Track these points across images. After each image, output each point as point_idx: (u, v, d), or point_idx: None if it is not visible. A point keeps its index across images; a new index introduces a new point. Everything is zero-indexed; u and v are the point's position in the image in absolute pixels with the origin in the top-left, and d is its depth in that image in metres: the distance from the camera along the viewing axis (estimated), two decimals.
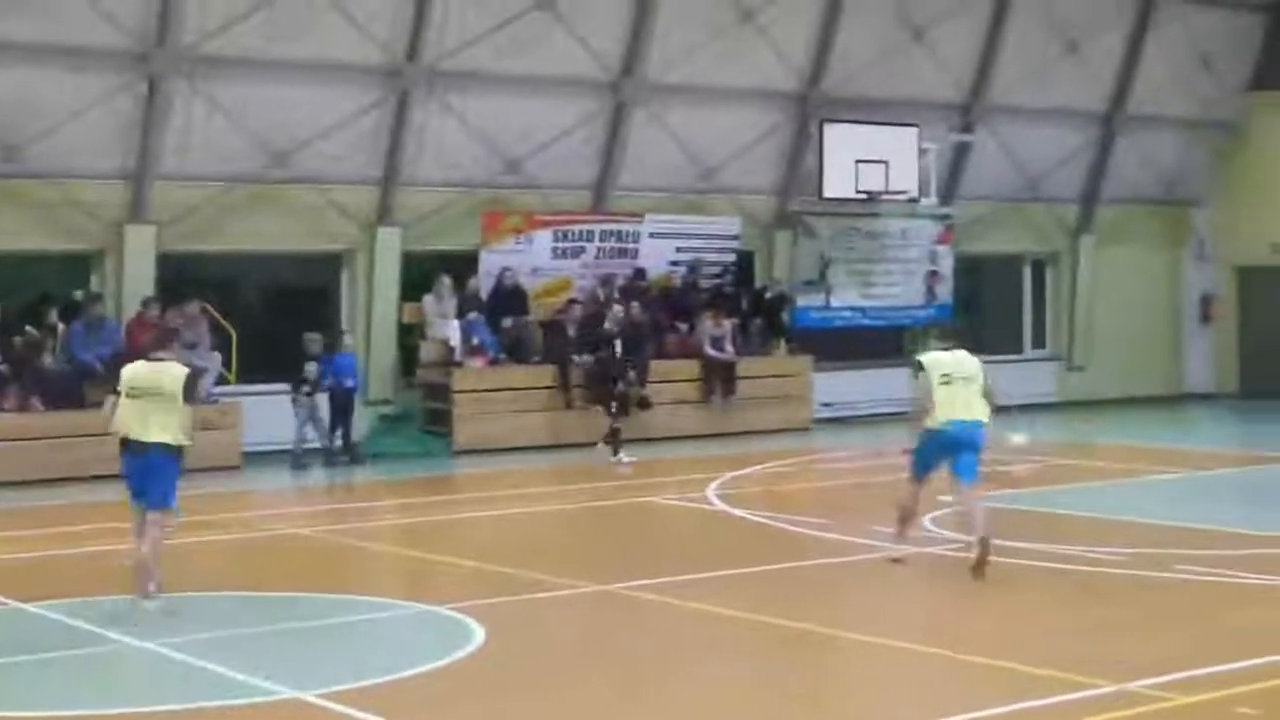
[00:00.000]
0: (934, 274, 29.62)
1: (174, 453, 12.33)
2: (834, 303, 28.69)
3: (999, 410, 14.84)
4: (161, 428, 12.24)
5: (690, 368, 25.96)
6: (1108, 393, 31.30)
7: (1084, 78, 30.38)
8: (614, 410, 23.08)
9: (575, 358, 24.78)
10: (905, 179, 28.06)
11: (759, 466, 22.07)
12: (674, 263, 26.90)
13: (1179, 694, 9.69)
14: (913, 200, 28.49)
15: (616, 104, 25.87)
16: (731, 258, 27.64)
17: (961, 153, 29.58)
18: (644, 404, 24.84)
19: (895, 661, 11.07)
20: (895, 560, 14.53)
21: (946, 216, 29.60)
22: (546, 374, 24.83)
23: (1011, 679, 10.22)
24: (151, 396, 12.29)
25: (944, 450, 14.35)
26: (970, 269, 30.98)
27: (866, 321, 29.20)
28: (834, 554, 15.29)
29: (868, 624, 12.18)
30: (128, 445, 12.38)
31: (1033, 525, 16.80)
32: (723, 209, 27.52)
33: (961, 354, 14.59)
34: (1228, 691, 9.71)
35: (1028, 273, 32.13)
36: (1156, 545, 15.12)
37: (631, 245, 26.40)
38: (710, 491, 19.34)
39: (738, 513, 17.80)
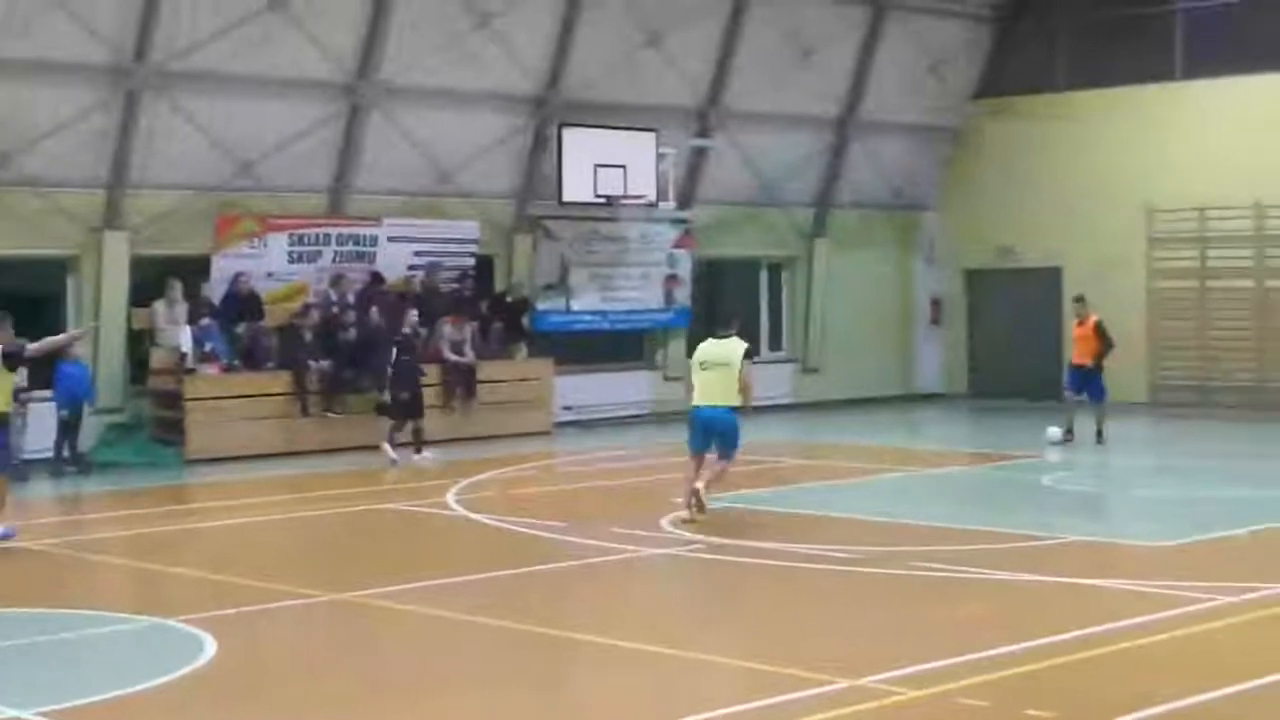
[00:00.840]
0: (673, 277, 29.87)
1: None
2: (574, 306, 28.75)
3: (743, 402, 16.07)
4: None
5: (430, 372, 25.77)
6: (842, 394, 31.90)
7: (818, 84, 30.91)
8: (405, 413, 23.26)
9: (311, 363, 24.44)
10: (644, 183, 28.24)
11: (499, 471, 22.00)
12: (412, 266, 26.67)
13: (909, 688, 9.87)
14: (651, 205, 28.68)
15: (352, 106, 25.56)
16: (471, 261, 27.51)
17: (699, 158, 29.88)
18: (382, 409, 24.62)
19: (632, 662, 11.09)
20: (685, 520, 16.44)
21: (685, 221, 29.87)
22: (282, 381, 24.44)
23: (746, 677, 10.33)
24: None
25: (699, 430, 16.74)
26: (709, 273, 31.32)
27: (607, 325, 29.33)
28: (572, 557, 15.29)
29: (605, 626, 12.19)
30: None
31: (768, 525, 17.03)
32: (462, 212, 27.37)
33: (731, 342, 16.03)
34: (956, 684, 9.92)
35: (764, 276, 32.57)
36: (888, 543, 15.42)
37: (369, 249, 26.09)
38: (450, 497, 19.20)
39: (477, 517, 17.70)
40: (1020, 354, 32.42)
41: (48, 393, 22.28)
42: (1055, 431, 24.10)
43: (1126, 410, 27.43)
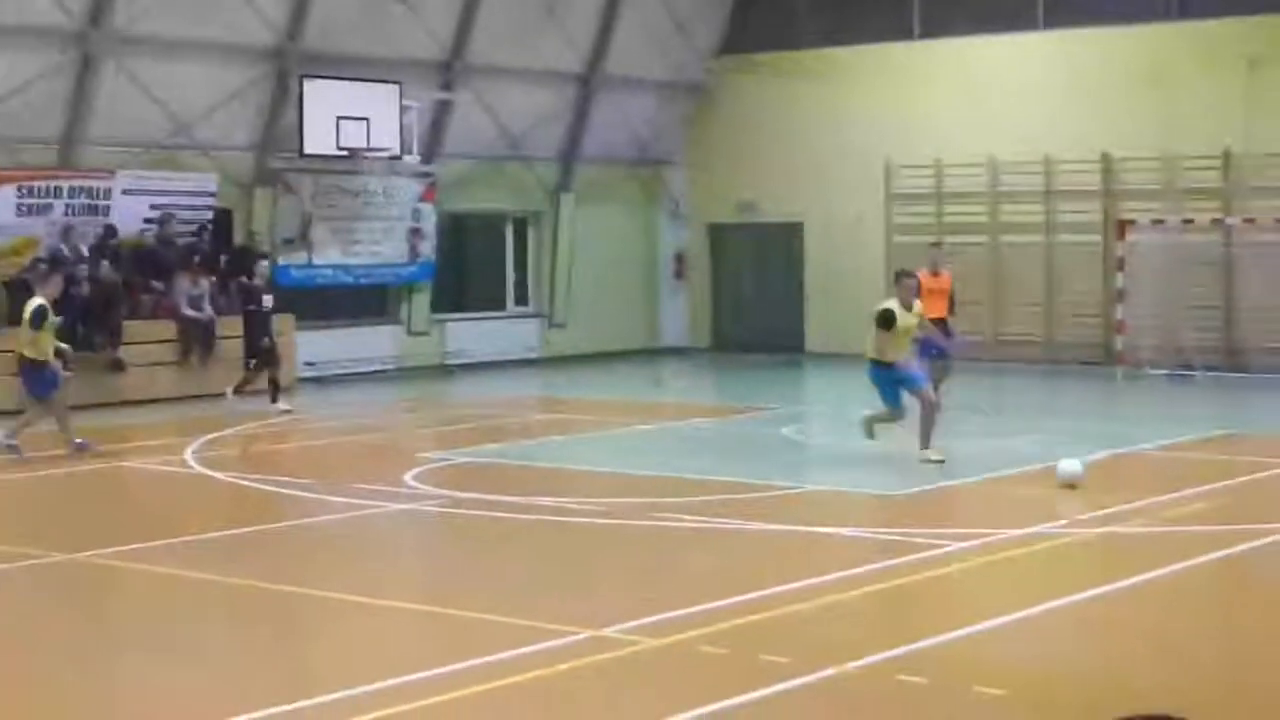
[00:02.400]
0: (417, 231, 29.62)
1: None
2: (316, 260, 28.35)
3: None
4: None
5: (166, 328, 25.21)
6: (588, 348, 32.01)
7: (562, 39, 30.88)
8: (257, 365, 23.65)
9: None
10: (387, 136, 27.94)
11: (240, 428, 21.64)
12: (148, 220, 26.02)
13: (649, 637, 9.98)
14: (395, 158, 28.39)
15: (84, 55, 24.82)
16: (209, 215, 26.93)
17: (443, 111, 29.65)
18: (118, 366, 24.06)
19: (378, 618, 11.03)
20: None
21: (429, 174, 29.63)
22: (9, 337, 23.65)
23: (487, 629, 10.32)
24: None
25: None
26: (454, 227, 31.17)
27: (350, 279, 28.99)
28: (315, 513, 15.14)
29: (349, 583, 12.08)
30: None
31: (512, 479, 17.05)
32: (199, 165, 26.77)
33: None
34: (695, 632, 10.05)
35: (510, 230, 32.50)
36: (631, 495, 15.54)
37: (103, 202, 25.36)
38: (188, 454, 18.83)
39: (217, 475, 17.39)
40: (762, 308, 32.91)
41: None
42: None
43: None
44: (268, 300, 23.87)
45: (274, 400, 23.42)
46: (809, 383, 29.46)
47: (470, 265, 33.04)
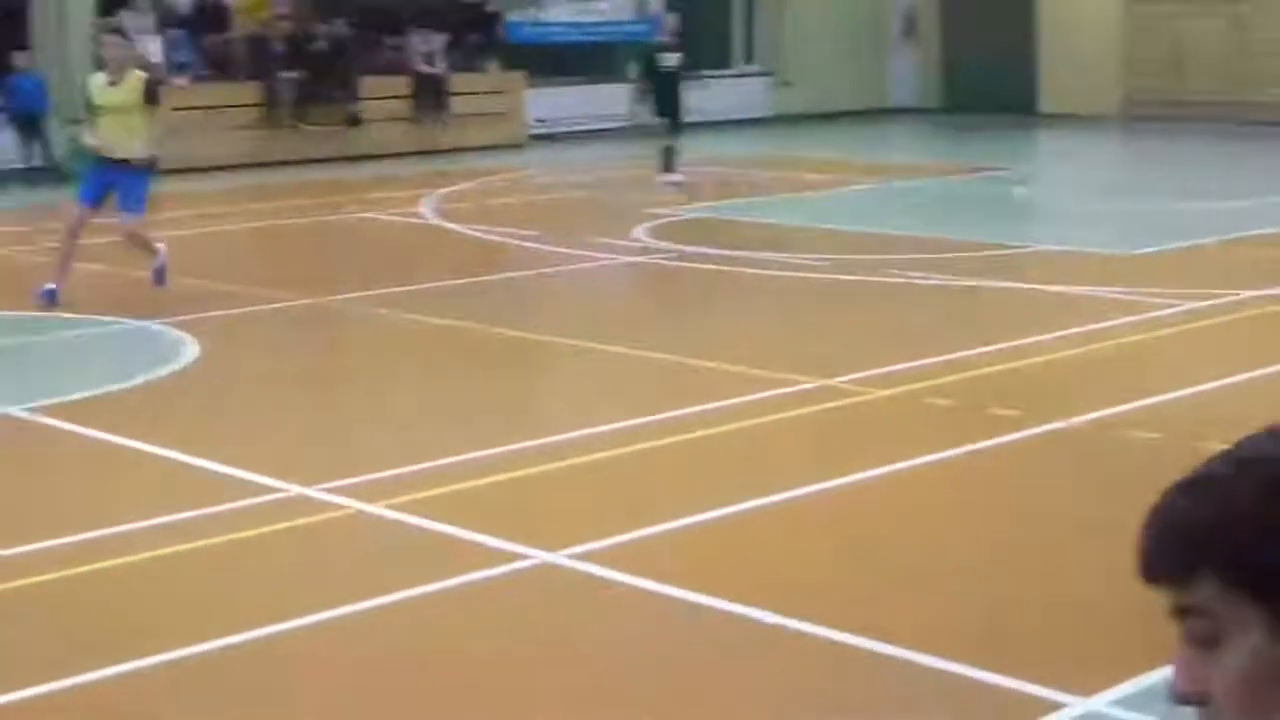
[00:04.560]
0: None
1: None
2: (546, 18, 28.42)
3: None
4: None
5: (400, 84, 25.59)
6: (815, 108, 31.74)
7: None
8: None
9: (281, 75, 24.24)
10: None
11: (473, 182, 22.02)
12: None
13: (877, 387, 10.12)
14: None
15: None
16: None
17: None
18: (353, 121, 24.54)
19: (607, 364, 11.32)
20: None
21: None
22: (252, 92, 24.27)
23: (715, 377, 10.54)
24: None
25: None
26: None
27: (579, 36, 29.03)
28: (546, 264, 15.45)
29: (579, 329, 12.40)
30: None
31: (740, 234, 17.18)
32: None
33: None
34: (922, 384, 10.17)
35: None
36: (858, 251, 15.58)
37: None
38: (424, 207, 19.27)
39: (453, 227, 17.80)
40: (994, 68, 32.24)
41: None
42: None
43: (1098, 125, 27.45)
44: (667, 59, 20.66)
45: (666, 164, 20.30)
46: (1041, 144, 28.95)
47: (698, 23, 32.77)
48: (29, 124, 22.14)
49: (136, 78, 13.28)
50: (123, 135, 12.97)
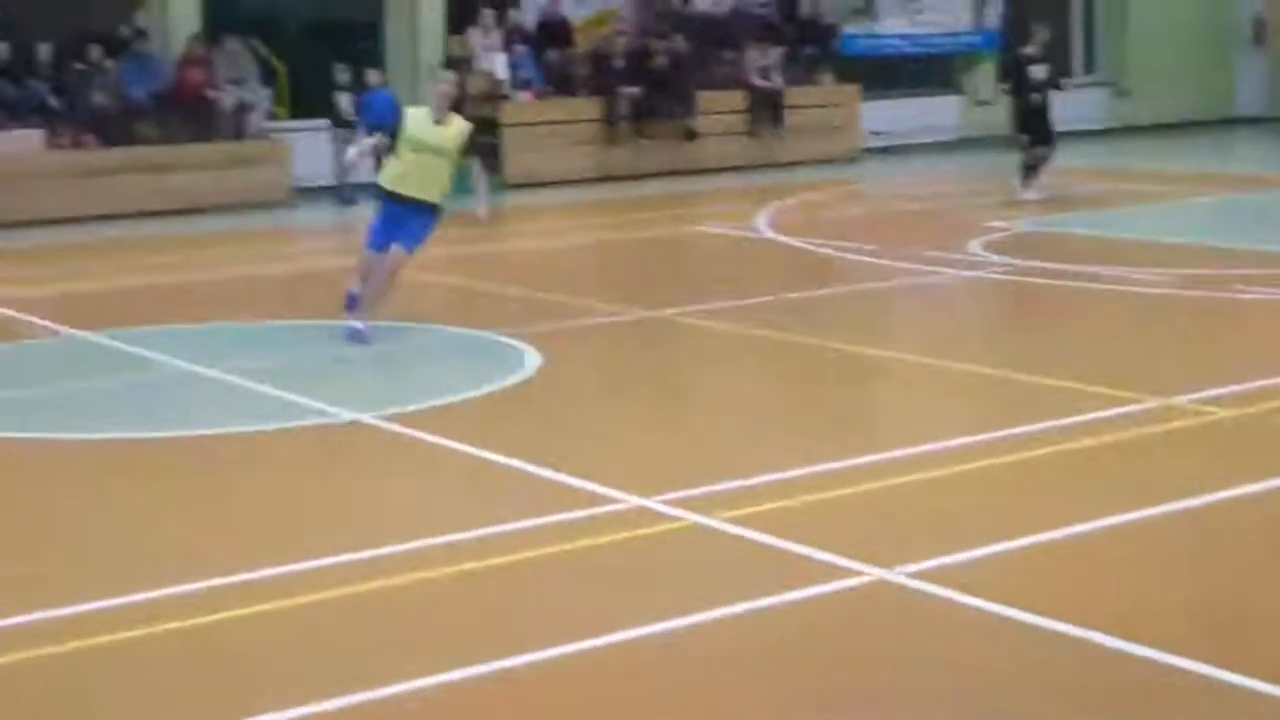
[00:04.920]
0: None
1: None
2: (881, 30, 28.35)
3: None
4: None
5: (737, 98, 25.80)
6: (1156, 118, 30.98)
7: None
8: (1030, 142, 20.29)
9: (621, 90, 24.67)
10: None
11: (807, 195, 22.10)
12: None
13: (1222, 408, 9.84)
14: None
15: None
16: None
17: None
18: (690, 135, 24.82)
19: (941, 379, 11.26)
20: None
21: None
22: (593, 107, 24.75)
23: (1059, 395, 10.37)
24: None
25: None
26: None
27: (914, 49, 28.88)
28: (885, 278, 15.42)
29: (913, 344, 12.37)
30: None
31: (1078, 248, 16.89)
32: None
33: None
34: (1271, 405, 9.87)
35: None
36: (1203, 266, 15.18)
37: None
38: (760, 220, 19.41)
39: (787, 240, 17.90)
40: None
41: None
42: None
43: None
44: (1037, 71, 20.42)
45: (1026, 177, 20.31)
46: None
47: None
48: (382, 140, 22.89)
49: (463, 124, 12.99)
50: (428, 177, 12.69)
